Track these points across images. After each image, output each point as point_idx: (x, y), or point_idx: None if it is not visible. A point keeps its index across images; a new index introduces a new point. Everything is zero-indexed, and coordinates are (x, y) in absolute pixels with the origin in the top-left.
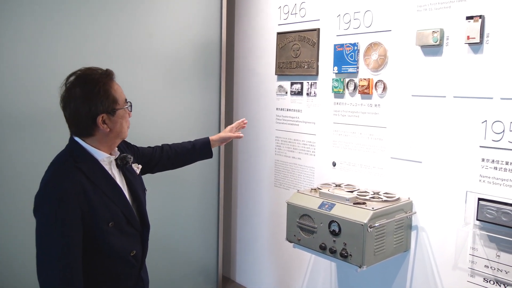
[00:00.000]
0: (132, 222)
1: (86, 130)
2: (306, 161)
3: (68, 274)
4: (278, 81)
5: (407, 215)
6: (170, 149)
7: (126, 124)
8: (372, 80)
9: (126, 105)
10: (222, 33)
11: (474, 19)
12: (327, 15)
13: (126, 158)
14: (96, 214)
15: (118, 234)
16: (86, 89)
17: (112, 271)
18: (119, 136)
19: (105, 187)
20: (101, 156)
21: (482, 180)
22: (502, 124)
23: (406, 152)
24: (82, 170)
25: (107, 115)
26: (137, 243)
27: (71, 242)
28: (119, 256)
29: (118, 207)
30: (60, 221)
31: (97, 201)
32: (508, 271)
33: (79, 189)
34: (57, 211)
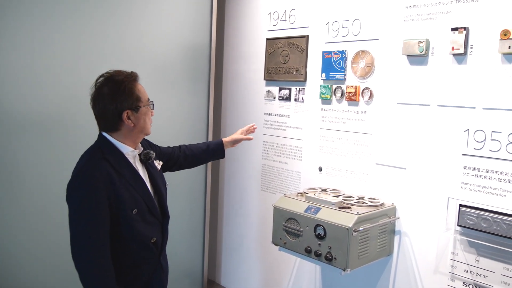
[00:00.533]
0: (153, 211)
1: (113, 125)
2: (293, 166)
3: (99, 253)
4: (266, 86)
5: (390, 220)
6: (187, 149)
7: (149, 121)
8: (359, 87)
9: (148, 103)
10: (212, 37)
11: (459, 30)
12: (316, 22)
13: (149, 153)
14: (121, 201)
15: (140, 221)
16: (113, 88)
17: (134, 256)
18: (143, 132)
19: (130, 177)
20: (126, 150)
21: (464, 187)
22: (484, 133)
23: (390, 158)
24: (109, 161)
25: (131, 111)
26: (158, 231)
27: (101, 225)
28: (141, 242)
29: (141, 196)
30: (92, 206)
31: (122, 189)
32: (487, 275)
33: (107, 178)
34: (89, 197)
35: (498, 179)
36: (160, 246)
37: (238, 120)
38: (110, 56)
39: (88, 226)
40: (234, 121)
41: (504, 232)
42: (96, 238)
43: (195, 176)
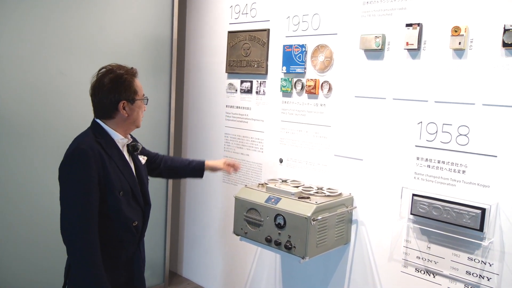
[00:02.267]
0: (137, 196)
1: (108, 113)
2: (254, 158)
3: (89, 227)
4: (228, 79)
5: (348, 210)
6: (169, 159)
7: (141, 115)
8: (319, 80)
9: (144, 98)
10: (173, 30)
11: (413, 26)
12: (277, 16)
13: (137, 145)
14: (110, 182)
15: (125, 203)
16: (114, 79)
17: (117, 236)
18: (134, 123)
19: (118, 161)
20: (117, 137)
21: (417, 177)
22: (436, 125)
23: (348, 150)
24: (100, 144)
25: (127, 102)
26: (139, 216)
27: (93, 201)
28: (124, 223)
29: (127, 180)
30: (85, 181)
31: (111, 171)
32: (437, 261)
33: (99, 158)
34: (83, 172)
35: (448, 170)
36: (140, 231)
37: (200, 112)
38: (69, 47)
39: (81, 199)
40: (196, 114)
41: (453, 220)
42: (87, 212)
43: None
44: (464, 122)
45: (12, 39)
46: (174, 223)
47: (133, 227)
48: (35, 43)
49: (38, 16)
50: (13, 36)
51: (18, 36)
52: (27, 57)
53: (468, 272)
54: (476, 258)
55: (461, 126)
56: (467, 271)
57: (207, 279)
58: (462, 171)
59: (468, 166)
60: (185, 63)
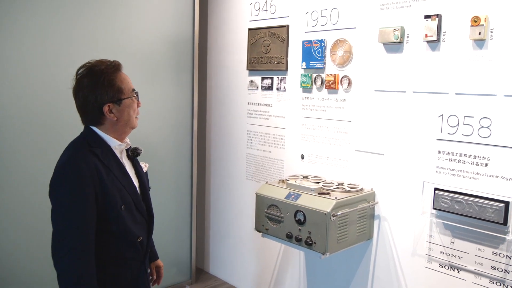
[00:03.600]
0: (139, 208)
1: (95, 119)
2: (276, 154)
3: (84, 252)
4: (249, 76)
5: (369, 205)
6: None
7: (134, 114)
8: (338, 75)
9: (132, 95)
10: (195, 29)
11: (432, 18)
12: (296, 12)
13: (137, 150)
14: (109, 196)
15: (129, 218)
16: (92, 79)
17: (120, 254)
18: (128, 125)
19: (117, 172)
20: (113, 143)
21: (439, 171)
22: (457, 118)
23: (369, 144)
24: (96, 154)
25: (113, 104)
26: (144, 230)
27: (89, 221)
28: (128, 240)
29: (128, 192)
30: (79, 200)
31: (110, 184)
32: (461, 256)
33: (95, 171)
34: (74, 191)
35: (471, 163)
36: (146, 246)
37: (223, 110)
38: (93, 49)
39: (75, 221)
40: (218, 112)
41: (476, 214)
42: (83, 235)
43: (181, 167)
44: (486, 114)
45: (36, 42)
46: (200, 220)
47: (138, 243)
48: (60, 45)
49: (63, 19)
50: (37, 39)
51: (43, 39)
52: (52, 59)
53: (493, 267)
54: (501, 253)
55: (483, 118)
56: (492, 266)
57: (233, 276)
58: (485, 164)
59: (490, 158)
60: (207, 61)
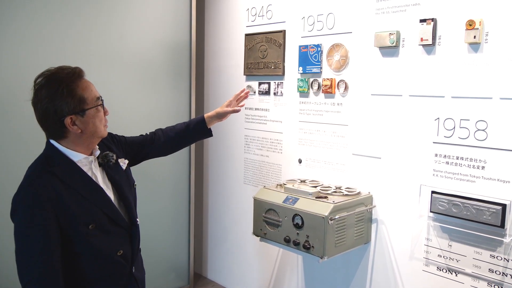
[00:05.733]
0: (117, 220)
1: (57, 132)
2: (273, 159)
3: (46, 276)
4: (246, 81)
5: (367, 209)
6: (163, 133)
7: (101, 123)
8: (335, 80)
9: (97, 104)
10: (192, 34)
11: (427, 22)
12: (292, 17)
13: (108, 156)
14: (73, 217)
15: (101, 235)
16: (50, 90)
17: (101, 271)
18: (95, 136)
19: (82, 189)
20: (77, 158)
21: (435, 174)
22: (453, 121)
23: (366, 148)
24: (55, 174)
25: (75, 116)
26: (125, 242)
27: (47, 246)
28: (104, 257)
29: (99, 207)
30: (34, 226)
31: (73, 204)
32: (459, 259)
33: (52, 194)
34: (30, 216)
35: (467, 166)
36: (131, 258)
37: None
38: (89, 55)
39: (32, 246)
40: None
41: (473, 216)
42: (43, 263)
43: (179, 171)
44: (482, 116)
45: (31, 48)
46: (198, 225)
47: (119, 257)
48: (54, 51)
49: (58, 25)
50: (32, 45)
51: (38, 45)
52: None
53: (491, 270)
54: (499, 256)
55: (479, 121)
56: (489, 269)
57: (231, 281)
58: (482, 166)
59: (487, 161)
60: (204, 67)
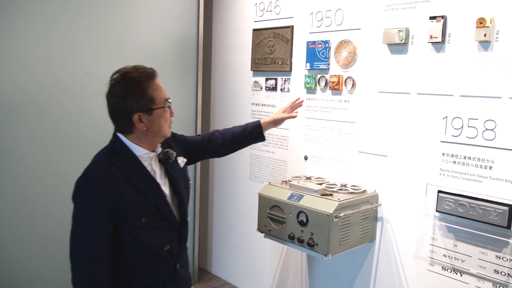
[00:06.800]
0: (168, 217)
1: (125, 127)
2: (279, 155)
3: (93, 259)
4: (253, 77)
5: (372, 207)
6: (220, 135)
7: (166, 123)
8: (342, 76)
9: (165, 105)
10: (199, 29)
11: (437, 19)
12: (300, 12)
13: (168, 153)
14: (128, 209)
15: (151, 229)
16: (124, 87)
17: (144, 264)
18: (159, 135)
19: (140, 182)
20: (139, 152)
21: (442, 174)
22: (461, 120)
23: (373, 146)
24: (117, 165)
25: (143, 114)
26: (173, 238)
27: (100, 231)
28: (151, 251)
29: (153, 202)
30: (91, 211)
31: (130, 196)
32: (464, 259)
33: (111, 183)
34: (88, 202)
35: (475, 165)
36: (176, 253)
37: (227, 111)
38: (97, 48)
39: (87, 229)
40: (222, 112)
41: (479, 217)
42: (94, 244)
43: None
44: (491, 116)
45: (39, 41)
46: (203, 220)
47: (164, 252)
48: (62, 44)
49: (66, 18)
50: (40, 38)
51: (46, 38)
52: (55, 58)
53: (496, 270)
54: (504, 257)
55: (488, 121)
56: (495, 270)
57: (235, 276)
58: (489, 167)
59: (495, 161)
60: (212, 61)
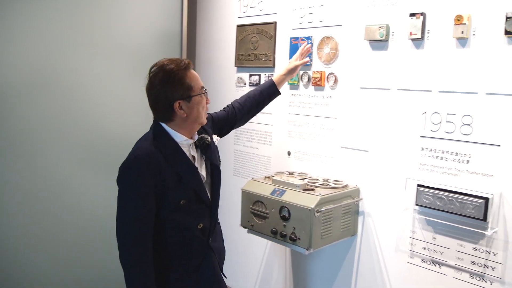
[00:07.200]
0: (204, 199)
1: (166, 115)
2: (263, 151)
3: (139, 239)
4: (237, 73)
5: (354, 201)
6: (241, 106)
7: (203, 110)
8: (324, 72)
9: (202, 92)
10: (183, 24)
11: (416, 16)
12: (283, 9)
13: (204, 138)
14: (168, 191)
15: (187, 210)
16: (163, 78)
17: (182, 241)
18: (197, 121)
19: (180, 167)
20: (179, 139)
21: (422, 168)
22: (440, 115)
23: (354, 141)
24: (160, 149)
25: (183, 101)
26: (205, 215)
27: (145, 212)
28: (187, 229)
29: (192, 186)
30: (135, 194)
31: (171, 180)
32: (443, 252)
33: (155, 168)
34: (133, 185)
35: (452, 160)
36: (208, 230)
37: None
38: (79, 44)
39: (132, 211)
40: None
41: (457, 210)
42: (138, 224)
43: None
44: (468, 111)
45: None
46: None
47: (198, 230)
48: (44, 41)
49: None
50: (23, 35)
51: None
52: (37, 55)
53: (473, 262)
54: (481, 248)
55: (465, 116)
56: (472, 261)
57: None
58: (466, 160)
59: (472, 155)
60: (195, 57)
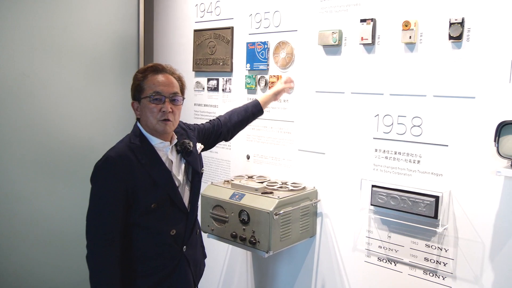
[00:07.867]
0: (178, 204)
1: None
2: (222, 155)
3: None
4: (195, 77)
5: (312, 203)
6: (226, 119)
7: (152, 116)
8: (281, 77)
9: (151, 95)
10: (140, 28)
11: (367, 22)
12: (240, 14)
13: (185, 144)
14: (140, 193)
15: (160, 214)
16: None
17: (153, 246)
18: (147, 126)
19: (153, 170)
20: (154, 142)
21: (376, 169)
22: (391, 117)
23: (311, 144)
24: (134, 151)
25: (136, 102)
26: (180, 222)
27: (113, 213)
28: (157, 234)
29: (164, 190)
30: (106, 193)
31: (142, 182)
32: (398, 250)
33: (126, 168)
34: (105, 183)
35: (404, 160)
36: (183, 237)
37: None
38: (32, 48)
39: (101, 210)
40: None
41: (410, 208)
42: (107, 224)
43: None
44: (417, 113)
45: None
46: None
47: (170, 236)
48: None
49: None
50: None
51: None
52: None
53: (426, 258)
54: (433, 245)
55: (415, 118)
56: (425, 258)
57: None
58: (417, 161)
59: (422, 156)
60: (153, 61)
